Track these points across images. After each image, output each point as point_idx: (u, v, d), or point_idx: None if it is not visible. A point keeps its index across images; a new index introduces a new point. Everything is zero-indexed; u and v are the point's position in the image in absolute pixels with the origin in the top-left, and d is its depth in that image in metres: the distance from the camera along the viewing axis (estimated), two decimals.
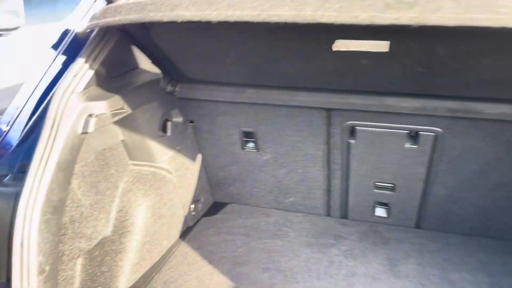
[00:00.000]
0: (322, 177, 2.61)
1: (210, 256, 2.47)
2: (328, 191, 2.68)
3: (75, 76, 1.71)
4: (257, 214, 2.86)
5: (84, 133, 1.73)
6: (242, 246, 2.55)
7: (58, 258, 1.84)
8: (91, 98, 1.77)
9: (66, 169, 1.67)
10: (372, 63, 1.70)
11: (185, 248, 2.54)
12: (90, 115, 1.74)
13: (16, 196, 1.54)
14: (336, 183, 2.62)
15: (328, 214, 2.80)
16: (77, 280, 2.01)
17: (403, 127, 2.21)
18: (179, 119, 2.51)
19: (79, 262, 2.03)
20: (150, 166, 2.36)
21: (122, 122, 2.15)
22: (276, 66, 1.98)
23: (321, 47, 1.65)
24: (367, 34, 1.49)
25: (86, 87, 1.77)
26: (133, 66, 2.24)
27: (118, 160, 2.21)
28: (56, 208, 1.63)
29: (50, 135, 1.60)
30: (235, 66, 2.05)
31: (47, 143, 1.59)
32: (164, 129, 2.41)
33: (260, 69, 2.05)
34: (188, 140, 2.63)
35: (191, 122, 2.62)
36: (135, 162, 2.32)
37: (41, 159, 1.56)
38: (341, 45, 1.50)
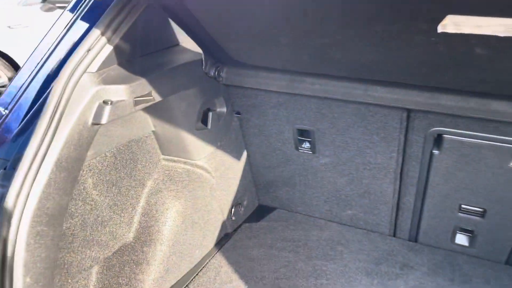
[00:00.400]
0: (391, 191, 2.13)
1: (247, 275, 2.08)
2: (398, 208, 2.21)
3: (88, 50, 1.34)
4: (308, 226, 2.43)
5: (96, 124, 1.37)
6: (286, 265, 2.14)
7: (63, 271, 1.53)
8: (108, 81, 1.41)
9: (69, 169, 1.32)
10: (489, 53, 1.19)
11: (219, 261, 2.17)
12: (105, 102, 1.38)
13: (1, 200, 1.21)
14: (409, 200, 2.14)
15: (394, 234, 2.33)
16: None
17: (510, 140, 1.68)
18: (223, 109, 2.12)
19: (94, 270, 1.72)
20: (185, 163, 1.99)
21: (154, 110, 1.80)
22: (347, 50, 1.52)
23: (417, 27, 1.17)
24: (493, 9, 0.98)
25: (103, 66, 1.40)
26: (171, 43, 1.86)
27: (147, 154, 1.86)
28: (53, 217, 1.29)
29: (49, 125, 1.25)
30: (293, 48, 1.60)
31: (44, 135, 1.24)
32: (204, 121, 2.02)
33: (325, 53, 1.60)
34: (233, 135, 2.23)
35: (238, 113, 2.22)
36: (168, 157, 1.96)
37: (34, 156, 1.22)
38: (451, 24, 1.01)
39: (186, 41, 1.90)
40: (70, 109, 1.29)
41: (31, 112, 1.33)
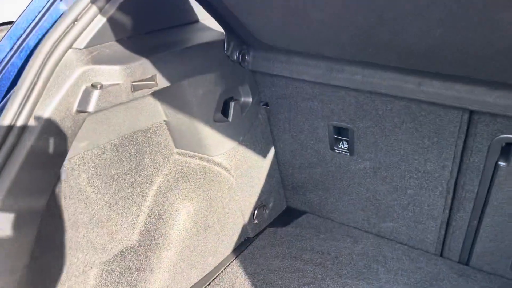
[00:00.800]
0: (441, 205, 1.81)
1: None
2: (448, 224, 1.88)
3: (75, 22, 1.10)
4: (340, 235, 2.13)
5: (81, 112, 1.14)
6: (311, 282, 1.86)
7: (46, 278, 1.33)
8: (100, 60, 1.17)
9: (46, 164, 1.11)
10: None
11: (235, 270, 1.92)
12: (94, 86, 1.14)
13: None
14: (463, 217, 1.81)
15: (441, 254, 2.00)
16: None
17: None
18: (248, 99, 1.85)
19: (92, 274, 1.51)
20: (201, 158, 1.75)
21: (165, 97, 1.56)
22: (398, 32, 1.21)
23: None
24: None
25: (94, 41, 1.17)
26: (188, 19, 1.60)
27: (157, 147, 1.63)
28: (24, 221, 1.08)
29: (19, 111, 1.03)
30: (330, 28, 1.31)
31: (12, 123, 1.02)
32: (225, 112, 1.76)
33: (370, 36, 1.29)
34: (258, 129, 1.96)
35: (266, 105, 1.94)
36: (182, 151, 1.72)
37: None
38: None
39: (208, 18, 1.63)
40: (48, 93, 1.07)
41: (8, 95, 1.12)
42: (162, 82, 1.35)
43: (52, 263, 1.35)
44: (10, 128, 1.01)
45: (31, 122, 1.04)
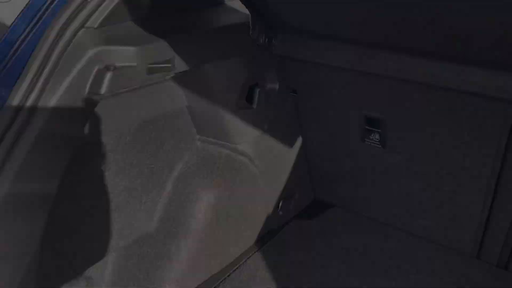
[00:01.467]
0: (480, 205, 1.69)
1: (286, 285, 1.76)
2: (486, 225, 1.75)
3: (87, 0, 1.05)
4: (369, 232, 2.04)
5: (94, 94, 1.10)
6: (336, 279, 1.79)
7: (64, 262, 1.32)
8: (114, 40, 1.12)
9: (56, 148, 1.07)
10: None
11: (257, 263, 1.87)
12: (107, 68, 1.10)
13: None
14: (504, 218, 1.69)
15: (478, 256, 1.86)
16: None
17: None
18: (275, 86, 1.76)
19: (110, 260, 1.50)
20: (223, 146, 1.69)
21: (187, 81, 1.50)
22: (433, 13, 1.08)
23: None
24: None
25: (109, 21, 1.12)
26: (213, 0, 1.53)
27: (178, 133, 1.59)
28: (32, 205, 1.06)
29: (28, 92, 1.00)
30: (360, 10, 1.19)
31: (20, 105, 0.99)
32: (249, 98, 1.69)
33: (405, 18, 1.17)
34: (285, 117, 1.88)
35: (293, 92, 1.85)
36: (203, 137, 1.67)
37: (5, 131, 0.97)
38: None
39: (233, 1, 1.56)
40: (59, 74, 1.03)
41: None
42: (181, 66, 1.30)
43: (68, 247, 1.34)
44: (18, 110, 0.98)
45: (41, 104, 1.01)
